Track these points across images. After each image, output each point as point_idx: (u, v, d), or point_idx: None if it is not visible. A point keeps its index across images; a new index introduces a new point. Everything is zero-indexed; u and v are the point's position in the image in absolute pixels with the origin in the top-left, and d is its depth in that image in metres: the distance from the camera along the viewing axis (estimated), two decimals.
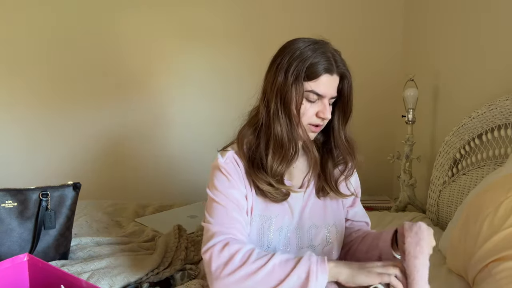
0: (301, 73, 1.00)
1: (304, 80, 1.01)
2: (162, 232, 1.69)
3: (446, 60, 2.01)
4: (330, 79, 1.02)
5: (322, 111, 1.03)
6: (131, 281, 1.28)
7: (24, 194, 1.40)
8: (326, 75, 1.01)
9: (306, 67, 1.00)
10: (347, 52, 1.07)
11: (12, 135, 2.56)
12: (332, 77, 1.02)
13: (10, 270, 1.04)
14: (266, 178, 1.04)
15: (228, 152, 1.08)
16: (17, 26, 2.46)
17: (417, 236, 0.88)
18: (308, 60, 1.00)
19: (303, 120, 1.04)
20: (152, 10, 2.49)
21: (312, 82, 1.01)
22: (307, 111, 1.03)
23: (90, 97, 2.55)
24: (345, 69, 1.05)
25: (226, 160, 1.07)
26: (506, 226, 1.09)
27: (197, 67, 2.55)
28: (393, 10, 2.47)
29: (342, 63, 1.05)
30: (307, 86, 1.01)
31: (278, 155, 1.04)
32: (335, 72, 1.02)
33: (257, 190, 1.07)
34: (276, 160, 1.04)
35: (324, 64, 1.00)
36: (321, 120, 1.05)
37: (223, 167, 1.06)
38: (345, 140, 1.11)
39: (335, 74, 1.03)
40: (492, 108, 1.52)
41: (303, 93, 1.01)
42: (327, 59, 1.01)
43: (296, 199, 1.11)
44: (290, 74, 1.01)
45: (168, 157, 2.62)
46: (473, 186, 1.57)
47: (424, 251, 0.87)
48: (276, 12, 2.48)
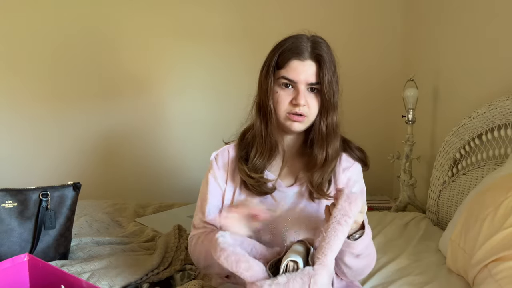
0: (272, 63, 1.03)
1: (276, 69, 1.03)
2: (162, 232, 1.69)
3: (446, 60, 2.01)
4: (301, 64, 1.00)
5: (295, 98, 1.02)
6: (131, 281, 1.28)
7: (24, 194, 1.40)
8: (296, 61, 1.01)
9: (277, 56, 1.03)
10: (347, 52, 1.07)
11: (12, 135, 2.55)
12: (304, 62, 1.01)
13: (10, 270, 1.04)
14: (244, 167, 1.07)
15: (224, 146, 1.15)
16: (16, 26, 2.46)
17: (348, 202, 0.85)
18: (279, 49, 1.03)
19: (280, 109, 1.03)
20: (152, 10, 2.49)
21: (283, 69, 1.02)
22: (282, 99, 1.03)
23: (90, 97, 2.55)
24: (321, 54, 1.01)
25: (218, 153, 1.14)
26: (506, 226, 1.09)
27: (197, 67, 2.55)
28: (393, 10, 2.47)
29: (321, 49, 1.02)
30: (278, 73, 1.03)
31: (260, 150, 1.07)
32: (308, 57, 1.01)
33: (243, 184, 1.09)
34: (257, 154, 1.07)
35: (293, 50, 1.01)
36: (297, 108, 1.02)
37: (212, 161, 1.14)
38: (324, 132, 1.05)
39: (308, 60, 1.01)
40: (492, 108, 1.52)
41: (274, 81, 1.03)
42: (299, 46, 1.01)
43: (283, 195, 1.09)
44: (265, 66, 1.05)
45: (168, 157, 2.62)
46: (473, 186, 1.57)
47: (349, 222, 0.84)
48: (276, 12, 2.48)
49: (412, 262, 1.39)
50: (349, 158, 1.13)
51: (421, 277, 1.28)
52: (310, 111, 1.03)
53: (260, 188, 1.07)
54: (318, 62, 1.01)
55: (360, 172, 1.15)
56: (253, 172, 1.06)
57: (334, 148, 1.07)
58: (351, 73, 2.51)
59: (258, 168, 1.07)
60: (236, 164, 1.10)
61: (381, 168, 2.48)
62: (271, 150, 1.07)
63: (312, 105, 1.03)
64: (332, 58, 1.04)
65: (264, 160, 1.07)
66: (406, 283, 1.24)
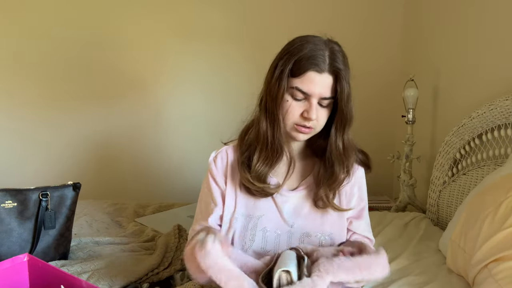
0: (286, 69, 0.96)
1: (290, 76, 0.96)
2: (162, 232, 1.69)
3: (446, 60, 2.01)
4: (318, 77, 0.94)
5: (307, 111, 0.97)
6: (131, 281, 1.28)
7: (24, 194, 1.41)
8: (313, 73, 0.94)
9: (293, 62, 0.96)
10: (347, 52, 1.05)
11: (12, 135, 2.55)
12: (321, 76, 0.95)
13: (10, 270, 1.04)
14: (247, 175, 1.02)
15: (223, 147, 1.11)
16: (16, 26, 2.46)
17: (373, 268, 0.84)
18: (296, 55, 0.96)
19: (288, 119, 0.99)
20: (151, 10, 2.49)
21: (298, 79, 0.95)
22: (292, 109, 0.97)
23: (89, 97, 2.55)
24: (339, 67, 0.96)
25: (217, 155, 1.10)
26: (506, 226, 1.09)
27: (197, 67, 2.55)
28: (393, 10, 2.46)
29: (339, 61, 0.96)
30: (292, 82, 0.96)
31: (264, 155, 1.02)
32: (326, 70, 0.95)
33: (242, 186, 1.06)
34: (260, 160, 1.02)
35: (312, 60, 0.94)
36: (306, 121, 0.98)
37: (211, 162, 1.10)
38: (341, 149, 1.02)
39: (326, 73, 0.95)
40: (492, 108, 1.52)
41: (287, 89, 0.97)
42: (317, 56, 0.94)
43: (284, 198, 1.06)
44: (277, 69, 0.98)
45: (168, 157, 2.62)
46: (473, 186, 1.57)
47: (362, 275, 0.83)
48: (276, 12, 2.48)
49: (412, 262, 1.39)
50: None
51: (421, 277, 1.27)
52: (319, 123, 0.99)
53: (262, 194, 1.04)
54: (335, 75, 0.96)
55: (362, 176, 1.12)
56: (256, 181, 1.02)
57: (352, 162, 1.05)
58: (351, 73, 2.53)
59: (262, 175, 1.02)
60: (236, 167, 1.06)
61: (381, 168, 2.48)
62: (276, 156, 1.03)
63: (321, 118, 0.99)
64: (348, 68, 0.99)
65: (267, 166, 1.03)
66: (406, 283, 1.24)
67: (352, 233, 1.11)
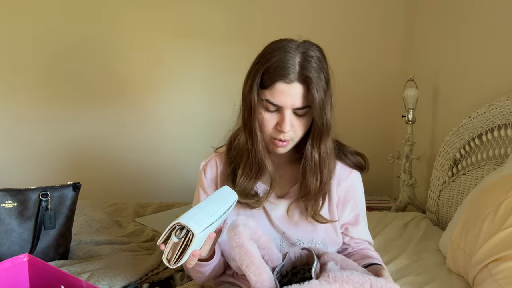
0: (256, 80, 0.91)
1: (260, 87, 0.92)
2: (162, 232, 1.69)
3: (446, 60, 2.01)
4: (287, 87, 0.89)
5: (279, 123, 0.92)
6: (131, 281, 1.28)
7: (24, 194, 1.40)
8: (282, 84, 0.89)
9: (262, 73, 0.91)
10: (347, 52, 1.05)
11: (11, 135, 2.55)
12: (291, 86, 0.89)
13: (10, 270, 1.04)
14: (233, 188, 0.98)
15: (212, 156, 1.09)
16: (16, 26, 2.46)
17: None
18: (264, 65, 0.91)
19: (264, 132, 0.94)
20: (149, 10, 2.49)
21: (268, 90, 0.90)
22: (267, 122, 0.93)
23: (89, 97, 2.55)
24: (311, 77, 0.88)
25: (207, 164, 1.08)
26: (506, 226, 1.09)
27: (196, 67, 2.55)
28: (394, 10, 2.46)
29: (310, 68, 0.89)
30: (264, 94, 0.91)
31: (248, 168, 0.99)
32: (295, 79, 0.88)
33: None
34: (244, 174, 0.99)
35: (280, 71, 0.88)
36: (281, 134, 0.93)
37: (201, 172, 1.08)
38: (317, 160, 0.96)
39: (295, 82, 0.89)
40: (492, 108, 1.52)
41: (258, 101, 0.92)
42: (286, 66, 0.88)
43: (274, 206, 1.03)
44: (249, 81, 0.94)
45: (168, 157, 2.62)
46: (473, 186, 1.57)
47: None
48: (275, 12, 2.47)
49: (412, 262, 1.39)
50: (345, 167, 1.05)
51: (421, 277, 1.27)
52: (296, 133, 0.94)
53: (248, 207, 1.02)
54: (307, 84, 0.89)
55: (358, 181, 1.08)
56: (241, 195, 0.98)
57: (328, 172, 0.99)
58: (351, 73, 2.53)
59: (246, 190, 0.99)
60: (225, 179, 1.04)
61: (381, 168, 2.48)
62: (259, 170, 0.99)
63: (298, 128, 0.94)
64: (324, 73, 0.92)
65: (251, 180, 0.99)
66: (406, 283, 1.24)
67: (350, 238, 1.09)
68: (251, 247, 0.83)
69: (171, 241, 0.79)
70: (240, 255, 0.82)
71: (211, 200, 0.88)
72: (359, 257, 1.06)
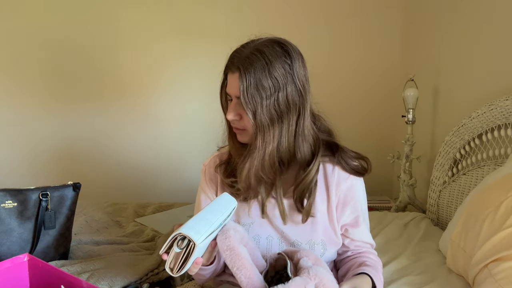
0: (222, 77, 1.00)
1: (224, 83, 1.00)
2: (162, 232, 1.69)
3: (446, 60, 2.01)
4: (231, 77, 0.95)
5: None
6: (131, 281, 1.28)
7: (24, 194, 1.40)
8: (229, 74, 0.96)
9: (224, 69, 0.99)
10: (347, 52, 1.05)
11: (11, 135, 2.55)
12: (232, 75, 0.94)
13: (10, 270, 1.04)
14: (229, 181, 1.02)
15: (214, 155, 1.11)
16: (16, 26, 2.46)
17: None
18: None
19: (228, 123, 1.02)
20: (149, 10, 2.49)
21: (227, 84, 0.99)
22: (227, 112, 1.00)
23: (89, 97, 2.55)
24: (243, 65, 0.91)
25: (207, 165, 1.10)
26: (506, 226, 1.09)
27: (196, 67, 2.55)
28: (393, 10, 2.46)
29: (243, 55, 0.92)
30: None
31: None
32: (235, 69, 0.93)
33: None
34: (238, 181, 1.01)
35: (227, 62, 0.96)
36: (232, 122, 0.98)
37: (202, 173, 1.11)
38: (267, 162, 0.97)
39: (235, 71, 0.93)
40: (492, 108, 1.52)
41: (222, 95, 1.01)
42: (231, 56, 0.96)
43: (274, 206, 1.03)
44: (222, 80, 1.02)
45: (168, 157, 2.62)
46: (473, 186, 1.57)
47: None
48: (275, 11, 2.47)
49: (412, 262, 1.39)
50: (344, 172, 1.03)
51: (421, 277, 1.27)
52: (245, 123, 0.95)
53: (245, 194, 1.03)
54: (239, 73, 0.91)
55: (359, 183, 1.05)
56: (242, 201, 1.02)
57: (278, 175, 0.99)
58: (352, 73, 2.53)
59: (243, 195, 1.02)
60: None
61: (381, 168, 2.48)
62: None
63: (246, 118, 0.94)
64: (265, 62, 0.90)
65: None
66: (406, 283, 1.24)
67: (350, 240, 1.08)
68: (242, 250, 0.85)
69: (173, 251, 0.80)
70: (231, 258, 0.84)
71: (211, 208, 0.89)
72: (356, 266, 1.04)
